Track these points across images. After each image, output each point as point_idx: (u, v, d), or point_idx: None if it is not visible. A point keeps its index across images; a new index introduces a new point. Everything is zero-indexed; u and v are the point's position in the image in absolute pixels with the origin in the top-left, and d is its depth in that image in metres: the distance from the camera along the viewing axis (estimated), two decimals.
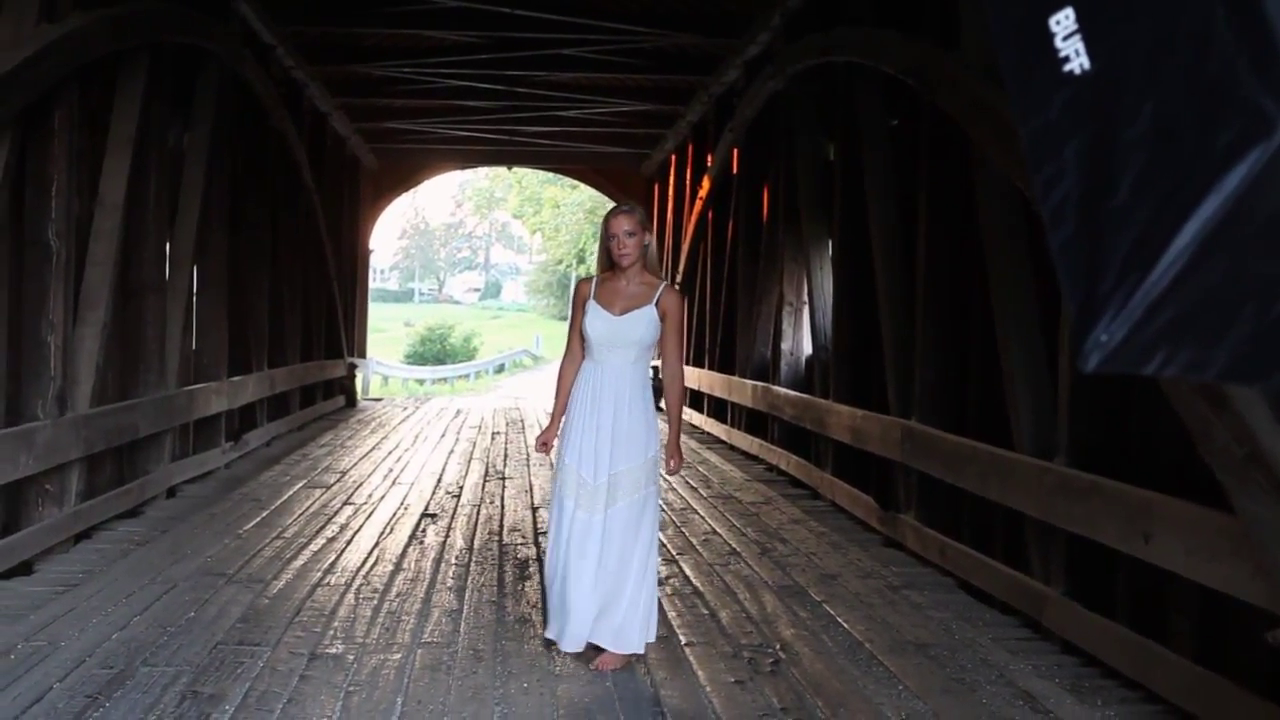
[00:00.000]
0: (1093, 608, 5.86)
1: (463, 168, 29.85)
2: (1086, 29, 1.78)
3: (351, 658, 5.65)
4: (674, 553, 8.39)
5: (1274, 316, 1.74)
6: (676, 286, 5.73)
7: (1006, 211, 6.98)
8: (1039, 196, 1.83)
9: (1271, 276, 1.72)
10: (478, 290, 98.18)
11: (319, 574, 7.43)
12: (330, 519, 9.45)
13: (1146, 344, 1.75)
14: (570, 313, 5.89)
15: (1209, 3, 1.68)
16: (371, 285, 28.58)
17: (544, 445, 5.96)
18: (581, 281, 5.89)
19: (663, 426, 5.92)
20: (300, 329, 16.88)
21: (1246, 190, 1.65)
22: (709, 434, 16.73)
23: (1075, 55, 1.78)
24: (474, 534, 8.98)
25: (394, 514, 9.79)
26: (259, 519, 9.35)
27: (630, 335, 5.69)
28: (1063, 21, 1.79)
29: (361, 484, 11.56)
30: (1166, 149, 1.72)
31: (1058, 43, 1.80)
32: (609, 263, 5.78)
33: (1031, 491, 6.37)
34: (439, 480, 12.01)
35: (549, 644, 5.82)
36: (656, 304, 5.71)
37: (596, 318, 5.70)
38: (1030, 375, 6.75)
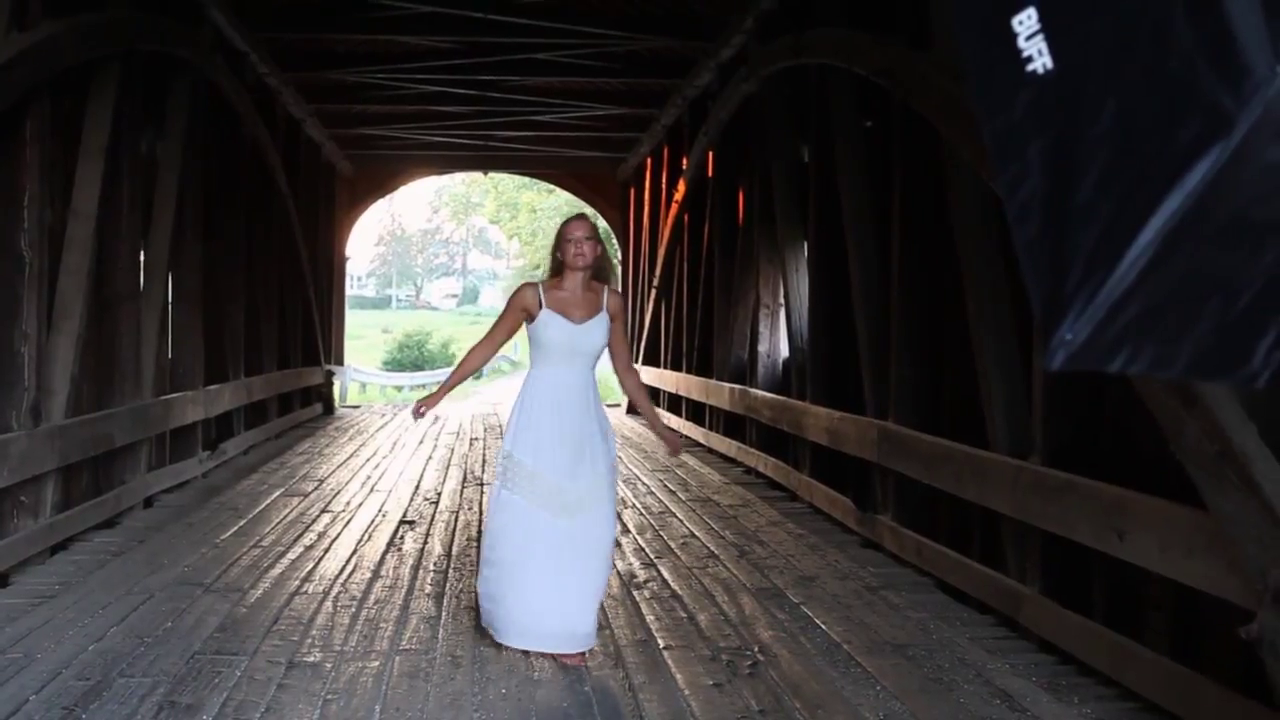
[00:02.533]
0: (1069, 606, 5.88)
1: (439, 173, 29.85)
2: (1049, 28, 1.79)
3: (329, 666, 5.63)
4: (652, 556, 8.39)
5: (1237, 313, 1.76)
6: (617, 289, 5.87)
7: (980, 211, 7.01)
8: (1003, 196, 1.85)
9: (1233, 273, 1.74)
10: (455, 296, 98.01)
11: (297, 582, 7.41)
12: (308, 527, 9.42)
13: (1111, 342, 1.76)
14: (505, 310, 5.99)
15: (1169, 2, 1.69)
16: (348, 292, 28.55)
17: (420, 411, 6.04)
18: (526, 286, 5.97)
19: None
20: (277, 336, 16.82)
21: (1207, 187, 1.67)
22: (687, 437, 16.73)
23: (1038, 55, 1.79)
24: (452, 540, 8.96)
25: (372, 521, 9.76)
26: (236, 528, 9.31)
27: (592, 343, 5.84)
28: (1025, 21, 1.80)
29: (339, 491, 11.53)
30: (1128, 147, 1.73)
31: (1020, 43, 1.81)
32: (558, 269, 5.91)
33: (1007, 491, 6.39)
34: (417, 487, 11.98)
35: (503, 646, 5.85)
36: (606, 308, 5.89)
37: (555, 327, 5.80)
38: (1005, 374, 6.77)
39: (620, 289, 6.03)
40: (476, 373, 6.40)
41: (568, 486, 5.71)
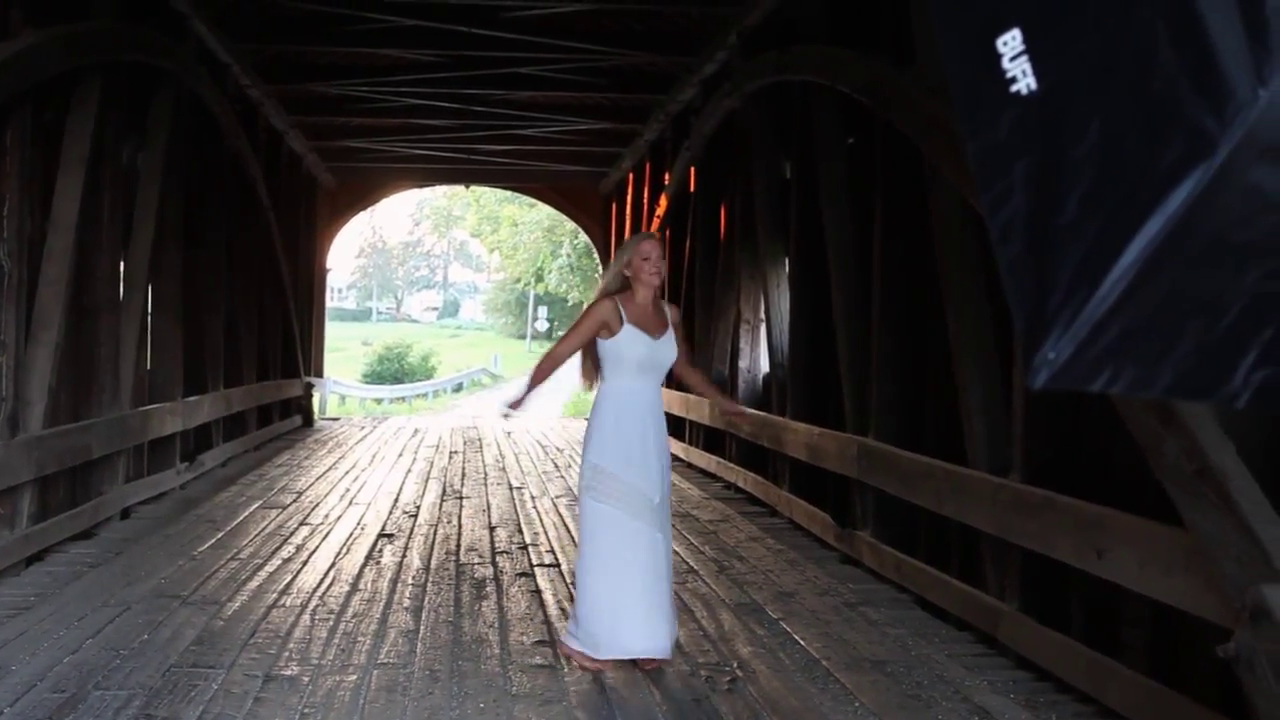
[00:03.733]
0: (1047, 623, 5.89)
1: (420, 186, 29.79)
2: (1033, 50, 1.80)
3: (307, 679, 5.61)
4: None
5: (1218, 334, 1.77)
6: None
7: (961, 228, 7.03)
8: (987, 215, 1.85)
9: (1215, 294, 1.75)
10: (436, 309, 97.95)
11: (274, 595, 7.38)
12: (286, 540, 9.38)
13: (1093, 361, 1.77)
14: (581, 322, 6.03)
15: (1152, 24, 1.70)
16: (329, 304, 28.47)
17: (509, 413, 6.35)
18: (605, 300, 6.02)
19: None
20: (256, 348, 16.78)
21: (1190, 208, 1.67)
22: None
23: (1022, 75, 1.80)
24: (431, 554, 8.94)
25: (350, 534, 9.73)
26: (214, 540, 9.28)
27: (669, 357, 6.02)
28: (1010, 42, 1.81)
29: (318, 504, 11.49)
30: (1112, 168, 1.74)
31: (1005, 63, 1.81)
32: (622, 285, 6.03)
33: (986, 508, 6.40)
34: (396, 500, 11.95)
35: (594, 664, 5.87)
36: (671, 322, 6.08)
37: (639, 342, 5.93)
38: (985, 392, 6.79)
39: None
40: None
41: (655, 497, 5.87)
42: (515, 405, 6.17)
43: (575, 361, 6.13)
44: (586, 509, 5.97)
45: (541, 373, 6.07)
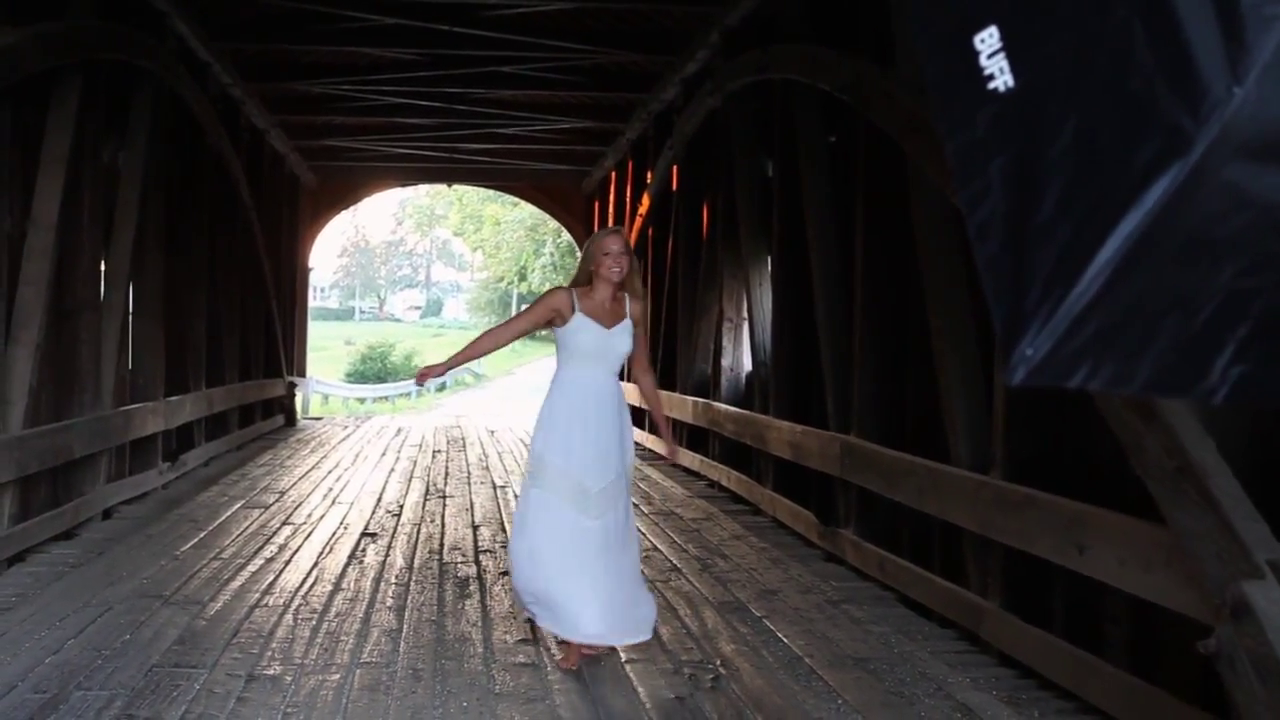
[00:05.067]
0: (1029, 620, 5.90)
1: (403, 185, 29.71)
2: (1010, 47, 1.80)
3: (289, 679, 5.60)
4: None
5: (1194, 330, 1.77)
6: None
7: (942, 226, 7.04)
8: (965, 212, 1.86)
9: (1191, 290, 1.75)
10: (419, 308, 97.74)
11: (257, 595, 7.36)
12: (269, 539, 9.36)
13: (1070, 358, 1.77)
14: (532, 307, 6.07)
15: (1129, 22, 1.71)
16: (311, 303, 28.40)
17: (422, 380, 6.29)
18: (559, 290, 6.03)
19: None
20: (239, 348, 16.72)
21: (1165, 206, 1.68)
22: (650, 450, 16.71)
23: (1000, 73, 1.81)
24: (414, 553, 8.93)
25: (333, 533, 9.71)
26: (196, 540, 9.25)
27: (621, 349, 5.93)
28: (987, 40, 1.81)
29: (301, 504, 11.47)
30: (1088, 166, 1.75)
31: (982, 60, 1.82)
32: (589, 279, 5.95)
33: (968, 505, 6.41)
34: (379, 499, 11.93)
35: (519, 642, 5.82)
36: (630, 315, 5.97)
37: (588, 331, 5.87)
38: (967, 389, 6.80)
39: (645, 296, 6.23)
40: (469, 361, 6.37)
41: (590, 487, 5.78)
42: (426, 375, 6.12)
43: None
44: (527, 493, 5.95)
45: (475, 350, 6.10)
